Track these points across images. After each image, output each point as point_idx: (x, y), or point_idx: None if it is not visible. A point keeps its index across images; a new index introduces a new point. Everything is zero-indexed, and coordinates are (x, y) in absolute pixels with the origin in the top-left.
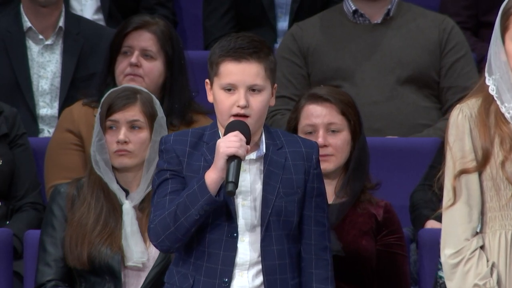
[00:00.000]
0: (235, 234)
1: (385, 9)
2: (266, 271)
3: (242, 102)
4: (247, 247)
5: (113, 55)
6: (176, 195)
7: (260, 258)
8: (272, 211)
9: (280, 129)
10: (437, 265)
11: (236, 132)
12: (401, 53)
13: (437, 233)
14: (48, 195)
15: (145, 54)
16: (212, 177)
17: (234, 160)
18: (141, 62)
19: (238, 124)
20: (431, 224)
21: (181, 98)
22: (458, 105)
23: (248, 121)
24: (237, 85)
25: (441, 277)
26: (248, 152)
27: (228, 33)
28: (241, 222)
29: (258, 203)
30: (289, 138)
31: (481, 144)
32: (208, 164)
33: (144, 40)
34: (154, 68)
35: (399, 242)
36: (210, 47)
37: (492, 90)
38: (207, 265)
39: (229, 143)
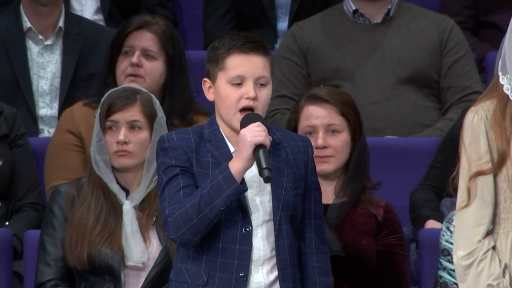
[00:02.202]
0: (248, 229)
1: (385, 9)
2: (281, 266)
3: (252, 94)
4: (261, 242)
5: (114, 55)
6: (189, 190)
7: (273, 253)
8: (283, 205)
9: (272, 125)
10: (437, 265)
11: (258, 123)
12: (401, 53)
13: (437, 233)
14: (48, 195)
15: (146, 54)
16: (237, 167)
17: (261, 148)
18: (142, 62)
19: (255, 116)
20: (431, 224)
21: (182, 98)
22: (472, 108)
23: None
24: (245, 77)
25: (441, 277)
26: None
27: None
28: (254, 216)
29: (268, 197)
30: (283, 133)
31: (497, 146)
32: (216, 160)
33: (145, 40)
34: (155, 68)
35: (399, 242)
36: None
37: (507, 90)
38: (222, 260)
39: (255, 132)
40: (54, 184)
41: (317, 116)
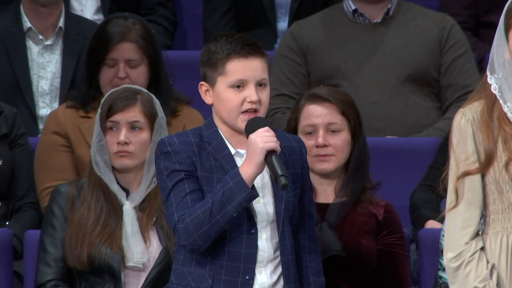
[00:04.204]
0: (253, 231)
1: (385, 8)
2: (285, 266)
3: (255, 97)
4: (265, 244)
5: (96, 65)
6: (196, 194)
7: (276, 254)
8: (285, 206)
9: None
10: (437, 265)
11: (267, 128)
12: (401, 52)
13: (437, 233)
14: (40, 199)
15: (130, 65)
16: (249, 172)
17: (272, 154)
18: (128, 73)
19: (261, 121)
20: (431, 224)
21: (164, 89)
22: (460, 109)
23: (258, 115)
24: (247, 81)
25: (441, 277)
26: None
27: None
28: (258, 219)
29: (270, 198)
30: (278, 134)
31: (484, 146)
32: (219, 163)
33: (126, 51)
34: (140, 74)
35: (400, 242)
36: None
37: (494, 89)
38: (227, 263)
39: (266, 138)
40: (45, 186)
41: (317, 115)
